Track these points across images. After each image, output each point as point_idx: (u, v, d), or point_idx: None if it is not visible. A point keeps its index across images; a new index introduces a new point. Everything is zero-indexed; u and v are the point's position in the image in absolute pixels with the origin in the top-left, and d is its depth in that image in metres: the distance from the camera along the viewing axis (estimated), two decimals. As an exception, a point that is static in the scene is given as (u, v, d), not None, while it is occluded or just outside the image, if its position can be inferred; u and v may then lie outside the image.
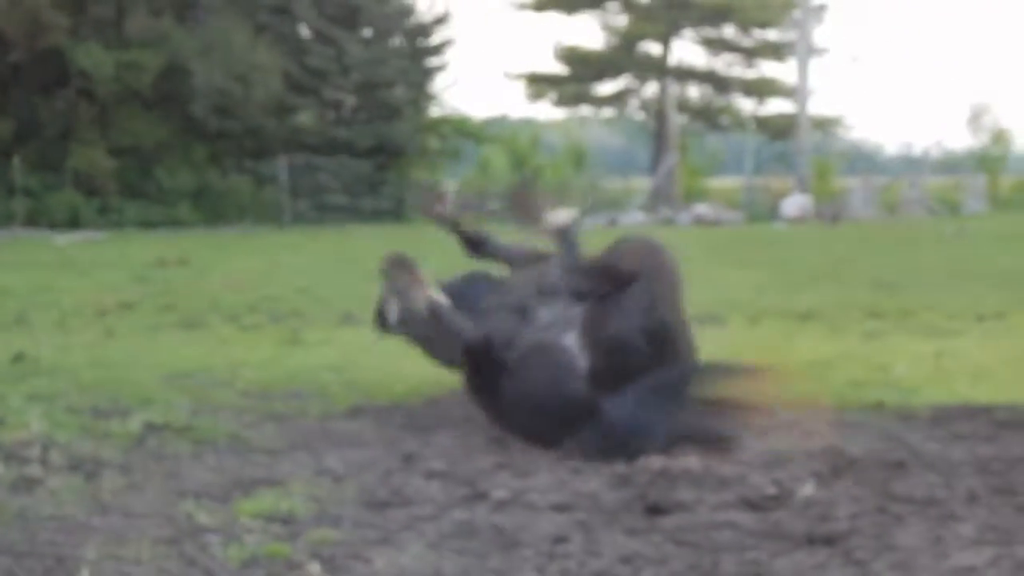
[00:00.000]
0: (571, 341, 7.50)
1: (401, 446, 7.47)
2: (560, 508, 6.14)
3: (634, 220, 40.05)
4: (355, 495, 6.39)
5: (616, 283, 7.72)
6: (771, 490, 6.33)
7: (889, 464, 6.89)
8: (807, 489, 6.37)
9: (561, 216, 8.44)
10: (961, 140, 60.75)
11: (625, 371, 7.48)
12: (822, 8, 53.38)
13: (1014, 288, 17.24)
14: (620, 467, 6.84)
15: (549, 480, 6.67)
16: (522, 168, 49.27)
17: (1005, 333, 12.80)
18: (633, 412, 7.42)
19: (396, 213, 40.32)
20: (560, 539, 5.61)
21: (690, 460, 6.92)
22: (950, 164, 55.88)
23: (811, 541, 5.51)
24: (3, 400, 8.53)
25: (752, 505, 6.09)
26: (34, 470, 6.72)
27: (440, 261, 9.51)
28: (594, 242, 8.52)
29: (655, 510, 6.05)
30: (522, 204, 8.58)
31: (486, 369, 7.69)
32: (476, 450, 7.40)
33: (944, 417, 8.22)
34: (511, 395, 7.53)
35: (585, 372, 7.44)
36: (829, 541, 5.50)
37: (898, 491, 6.37)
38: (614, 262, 7.95)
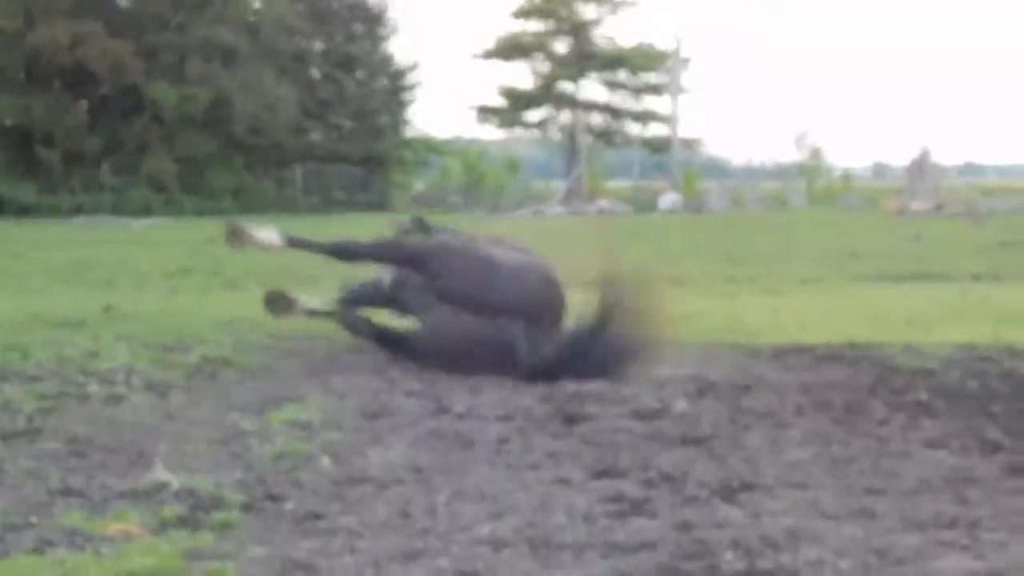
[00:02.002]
0: None
1: (386, 374, 7.57)
2: (503, 418, 6.26)
3: (554, 211, 39.79)
4: (354, 408, 6.51)
5: None
6: (655, 405, 6.45)
7: (739, 387, 7.05)
8: (681, 405, 6.47)
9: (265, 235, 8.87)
10: (788, 155, 60.28)
11: None
12: (687, 59, 53.94)
13: (827, 261, 17.56)
14: (544, 388, 6.91)
15: (494, 398, 6.78)
16: (473, 173, 49.30)
17: (821, 293, 13.09)
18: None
19: (381, 205, 41.33)
20: (503, 440, 5.76)
21: (595, 384, 6.98)
22: (779, 172, 56.53)
23: (684, 442, 5.66)
24: (97, 339, 8.58)
25: (642, 416, 6.22)
26: (120, 389, 6.83)
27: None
28: (525, 227, 8.53)
29: (571, 420, 6.18)
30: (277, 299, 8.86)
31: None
32: (441, 377, 7.39)
33: (779, 353, 8.36)
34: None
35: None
36: (697, 442, 5.66)
37: (746, 406, 6.51)
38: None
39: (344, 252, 8.94)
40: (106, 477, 4.91)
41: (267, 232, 8.89)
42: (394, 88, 49.21)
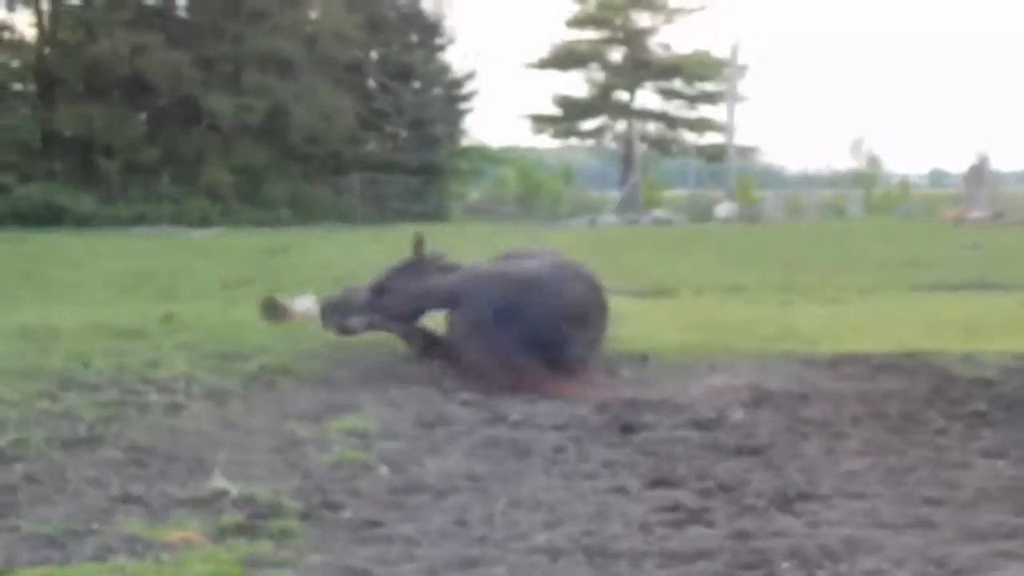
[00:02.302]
0: None
1: (442, 383, 7.63)
2: (559, 427, 6.33)
3: (608, 221, 39.73)
4: (410, 417, 6.58)
5: None
6: (711, 415, 6.50)
7: (796, 396, 7.07)
8: (737, 414, 6.53)
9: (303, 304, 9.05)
10: (845, 162, 59.91)
11: None
12: (745, 67, 53.49)
13: (884, 270, 17.38)
14: (600, 398, 6.98)
15: (549, 407, 6.84)
16: (528, 183, 49.41)
17: (878, 302, 12.98)
18: None
19: (437, 215, 41.42)
20: (560, 449, 5.81)
21: (652, 393, 7.07)
22: (836, 180, 56.03)
23: (740, 452, 5.72)
24: (157, 348, 8.65)
25: (698, 425, 6.28)
26: (179, 398, 6.88)
27: (470, 250, 9.45)
28: (579, 238, 8.54)
29: (627, 429, 6.23)
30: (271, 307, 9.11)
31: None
32: (494, 387, 7.46)
33: (836, 362, 8.35)
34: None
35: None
36: (754, 452, 5.71)
37: (803, 415, 6.54)
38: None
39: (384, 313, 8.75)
40: (166, 485, 4.96)
41: (305, 301, 8.94)
42: (450, 97, 49.06)
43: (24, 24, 43.31)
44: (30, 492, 4.82)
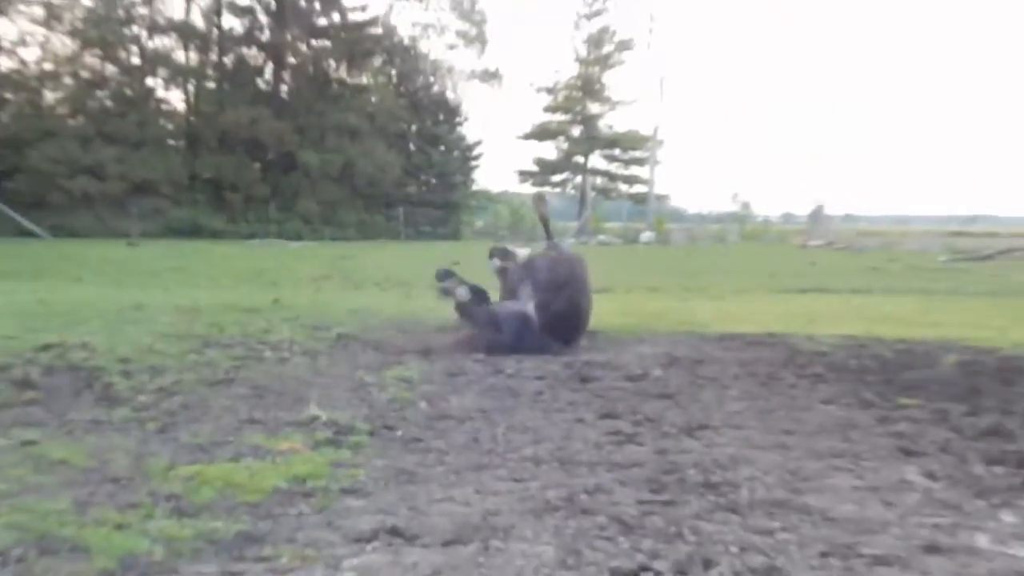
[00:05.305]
0: (531, 309, 7.59)
1: (462, 348, 7.47)
2: (539, 378, 6.25)
3: (569, 242, 39.84)
4: (441, 369, 6.48)
5: (552, 285, 7.72)
6: (640, 372, 6.42)
7: (695, 360, 7.00)
8: (657, 372, 6.46)
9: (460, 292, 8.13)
10: (726, 206, 60.24)
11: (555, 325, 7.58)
12: (661, 141, 54.40)
13: (753, 279, 17.45)
14: (566, 358, 6.92)
15: (532, 364, 6.75)
16: (515, 216, 49.68)
17: (749, 300, 12.88)
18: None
19: (454, 236, 42.33)
20: (539, 392, 5.74)
21: (600, 357, 7.00)
22: (720, 218, 56.26)
23: (659, 396, 5.64)
24: (268, 320, 8.62)
25: (631, 379, 6.20)
26: (285, 354, 6.85)
27: (478, 256, 9.29)
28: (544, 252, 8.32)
29: (585, 380, 6.15)
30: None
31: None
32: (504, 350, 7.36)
33: (722, 339, 8.29)
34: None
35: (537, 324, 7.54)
36: (668, 396, 5.64)
37: (700, 373, 6.47)
38: (551, 269, 7.91)
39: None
40: (278, 412, 4.94)
41: (461, 289, 8.50)
42: (464, 157, 49.15)
43: (177, 100, 43.71)
44: (185, 415, 4.82)
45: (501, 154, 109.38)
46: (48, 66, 40.47)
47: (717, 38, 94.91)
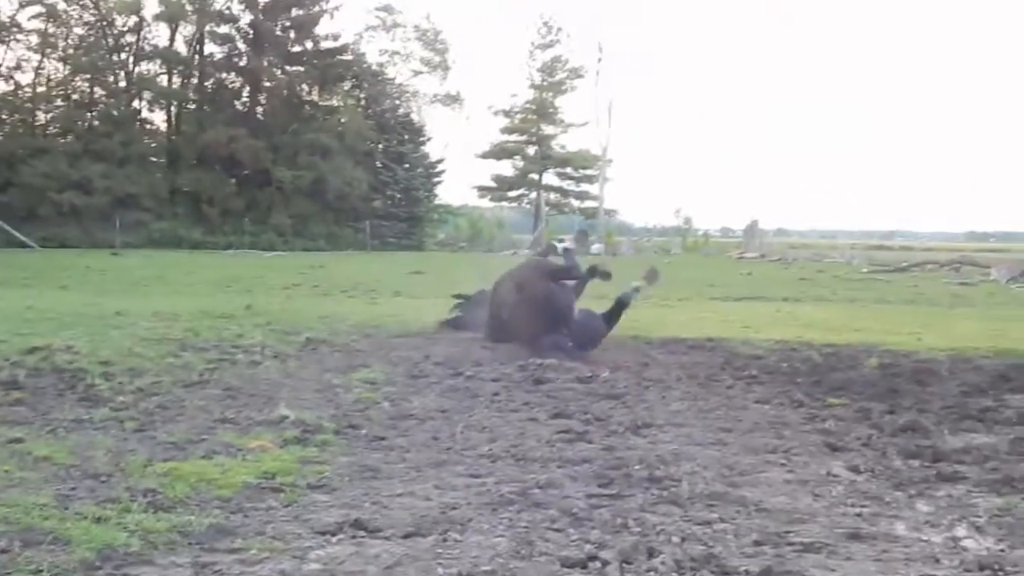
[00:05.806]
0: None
1: (423, 350, 7.50)
2: (495, 380, 6.24)
3: (525, 252, 39.83)
4: (402, 372, 6.45)
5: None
6: (589, 374, 6.41)
7: (641, 364, 7.01)
8: (605, 374, 6.46)
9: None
10: (669, 220, 60.66)
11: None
12: (610, 160, 54.58)
13: (694, 288, 17.52)
14: (521, 362, 6.82)
15: (489, 367, 6.72)
16: (475, 228, 49.74)
17: (690, 307, 13.01)
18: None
19: (418, 247, 42.49)
20: (496, 393, 5.74)
21: (552, 360, 6.88)
22: (664, 231, 56.71)
23: (607, 397, 5.66)
24: (242, 325, 8.58)
25: (581, 380, 6.21)
26: (256, 357, 6.82)
27: (441, 265, 9.31)
28: (506, 262, 8.46)
29: (538, 381, 6.15)
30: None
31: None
32: (455, 353, 7.37)
33: (664, 343, 8.35)
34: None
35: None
36: (616, 397, 5.65)
37: (645, 375, 6.50)
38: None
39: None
40: (249, 412, 4.90)
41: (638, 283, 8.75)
42: (427, 174, 48.84)
43: (160, 120, 43.45)
44: (162, 415, 4.76)
45: (461, 171, 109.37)
46: (41, 89, 40.66)
47: (661, 66, 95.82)
